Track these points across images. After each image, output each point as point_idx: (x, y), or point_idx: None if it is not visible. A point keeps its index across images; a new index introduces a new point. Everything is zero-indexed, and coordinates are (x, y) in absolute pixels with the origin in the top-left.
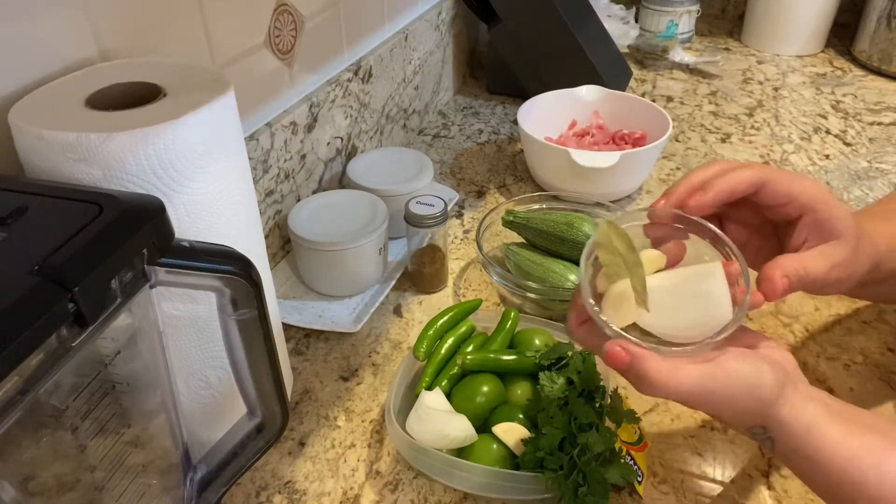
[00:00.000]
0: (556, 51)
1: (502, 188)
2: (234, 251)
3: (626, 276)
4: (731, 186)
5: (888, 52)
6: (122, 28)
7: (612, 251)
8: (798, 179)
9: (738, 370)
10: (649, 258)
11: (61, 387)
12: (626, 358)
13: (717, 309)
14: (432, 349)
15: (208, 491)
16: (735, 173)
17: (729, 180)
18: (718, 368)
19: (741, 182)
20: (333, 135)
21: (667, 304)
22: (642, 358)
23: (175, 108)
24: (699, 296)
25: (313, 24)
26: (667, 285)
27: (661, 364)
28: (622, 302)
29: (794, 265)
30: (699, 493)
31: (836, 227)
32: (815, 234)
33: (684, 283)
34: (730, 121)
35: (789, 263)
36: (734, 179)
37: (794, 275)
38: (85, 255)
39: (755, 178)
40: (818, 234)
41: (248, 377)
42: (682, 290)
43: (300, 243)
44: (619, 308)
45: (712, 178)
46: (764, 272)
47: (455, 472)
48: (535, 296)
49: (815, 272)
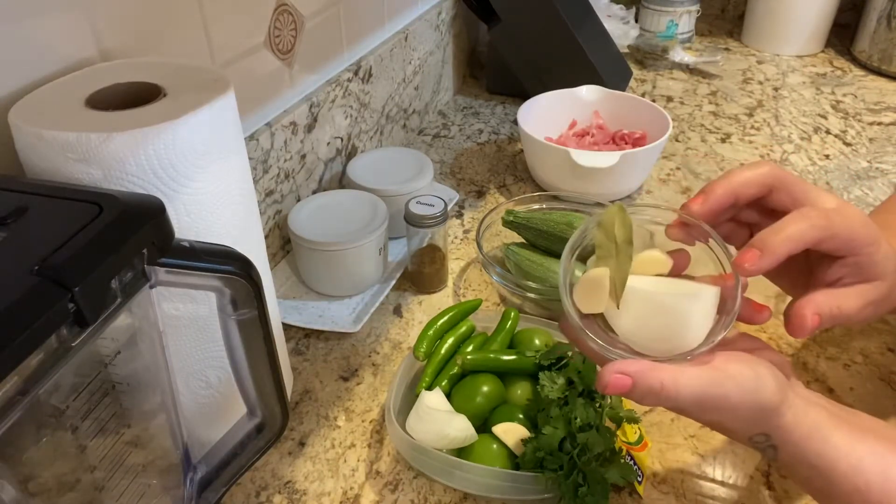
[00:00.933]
0: (556, 51)
1: (502, 188)
2: (234, 251)
3: (611, 264)
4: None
5: (888, 52)
6: (122, 28)
7: (610, 236)
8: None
9: (738, 374)
10: (653, 260)
11: (61, 387)
12: (629, 383)
13: (687, 331)
14: (432, 349)
15: (208, 491)
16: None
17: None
18: (719, 373)
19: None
20: (333, 135)
21: (639, 309)
22: (644, 375)
23: (175, 108)
24: (675, 313)
25: (313, 24)
26: (648, 290)
27: (664, 374)
28: (596, 289)
29: (828, 304)
30: (699, 493)
31: (878, 270)
32: (855, 274)
33: (667, 295)
34: (730, 121)
35: (823, 301)
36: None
37: (826, 314)
38: (85, 255)
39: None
40: (857, 275)
41: (248, 377)
42: (660, 300)
43: (300, 243)
44: (592, 294)
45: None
46: (795, 308)
47: (455, 472)
48: (535, 296)
49: (848, 312)
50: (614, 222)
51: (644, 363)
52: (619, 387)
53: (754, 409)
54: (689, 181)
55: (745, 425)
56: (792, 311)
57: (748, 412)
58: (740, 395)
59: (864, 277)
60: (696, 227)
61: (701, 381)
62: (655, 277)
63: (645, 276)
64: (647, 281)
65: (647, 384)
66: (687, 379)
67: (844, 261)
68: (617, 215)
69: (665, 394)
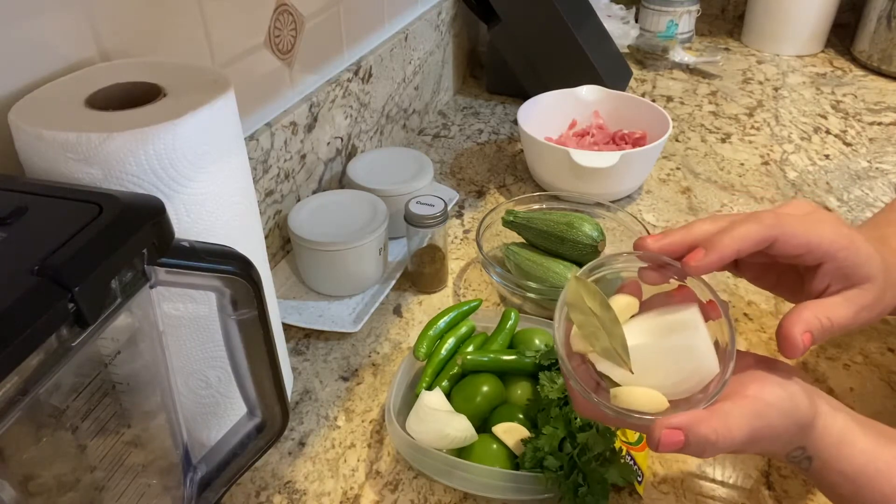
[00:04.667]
0: (556, 51)
1: (502, 188)
2: (234, 251)
3: (601, 337)
4: (737, 246)
5: (888, 52)
6: (122, 28)
7: (585, 311)
8: (815, 226)
9: (776, 400)
10: (621, 305)
11: (61, 387)
12: (682, 437)
13: (703, 362)
14: (432, 349)
15: (208, 491)
16: (742, 229)
17: (734, 239)
18: (759, 404)
19: (748, 239)
20: (333, 135)
21: (650, 363)
22: (694, 425)
23: (175, 108)
24: (683, 351)
25: (313, 24)
26: (649, 343)
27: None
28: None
29: (816, 316)
30: (699, 493)
31: (862, 273)
32: (839, 280)
33: (666, 338)
34: (730, 121)
35: (811, 315)
36: (740, 237)
37: (817, 329)
38: (85, 255)
39: (765, 235)
40: (842, 281)
41: (248, 377)
42: (664, 346)
43: (300, 243)
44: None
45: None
46: (784, 330)
47: (455, 472)
48: (535, 296)
49: (840, 321)
50: (581, 297)
51: (687, 415)
52: (673, 443)
53: (794, 429)
54: (689, 181)
55: (785, 446)
56: (781, 332)
57: (788, 433)
58: (781, 419)
59: (850, 282)
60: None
61: (748, 418)
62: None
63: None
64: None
65: (701, 434)
66: (736, 420)
67: (824, 268)
68: (580, 288)
69: (721, 442)
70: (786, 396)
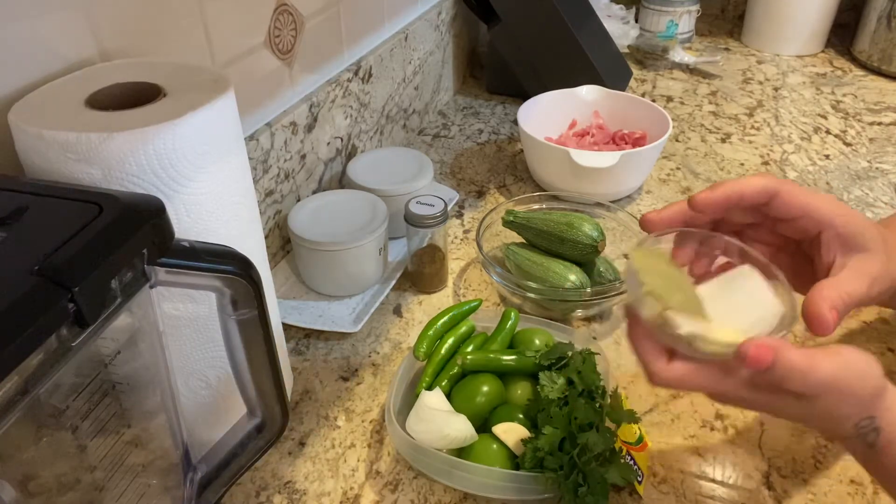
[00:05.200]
0: (556, 51)
1: (502, 188)
2: (234, 251)
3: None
4: (741, 188)
5: (888, 52)
6: (122, 28)
7: (656, 272)
8: (813, 193)
9: (856, 359)
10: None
11: (61, 387)
12: (770, 356)
13: (768, 305)
14: (432, 349)
15: (208, 491)
16: (746, 178)
17: (738, 181)
18: (843, 358)
19: (752, 186)
20: (333, 135)
21: (724, 312)
22: (785, 349)
23: (175, 108)
24: (747, 296)
25: (313, 24)
26: (715, 294)
27: (799, 353)
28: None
29: (837, 293)
30: (699, 493)
31: (861, 241)
32: (842, 249)
33: (726, 288)
34: (730, 121)
35: (832, 294)
36: (744, 181)
37: (840, 304)
38: (85, 255)
39: (768, 186)
40: (845, 249)
41: (248, 377)
42: (728, 296)
43: (300, 243)
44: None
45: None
46: (810, 309)
47: (455, 472)
48: (535, 296)
49: (857, 294)
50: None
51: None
52: (762, 359)
53: (868, 393)
54: (689, 181)
55: (856, 409)
56: (809, 312)
57: (862, 395)
58: (859, 381)
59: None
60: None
61: (834, 365)
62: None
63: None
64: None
65: (788, 358)
66: (821, 361)
67: (824, 236)
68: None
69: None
70: (863, 359)
